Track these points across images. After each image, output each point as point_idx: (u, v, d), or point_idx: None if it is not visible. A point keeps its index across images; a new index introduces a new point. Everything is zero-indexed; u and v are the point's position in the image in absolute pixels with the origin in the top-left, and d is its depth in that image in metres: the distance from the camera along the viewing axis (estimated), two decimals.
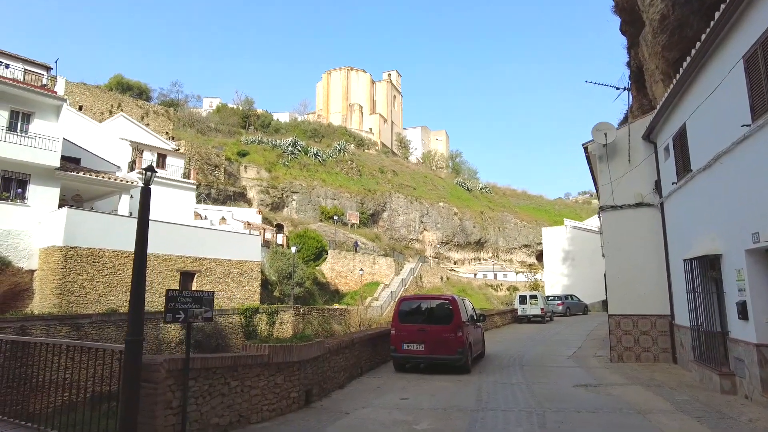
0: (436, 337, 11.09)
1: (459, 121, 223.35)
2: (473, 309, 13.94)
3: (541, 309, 28.37)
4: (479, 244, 79.35)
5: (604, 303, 42.95)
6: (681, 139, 10.57)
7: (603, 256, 15.79)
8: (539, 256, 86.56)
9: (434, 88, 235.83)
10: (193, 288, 25.43)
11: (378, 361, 12.48)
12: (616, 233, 13.29)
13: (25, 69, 23.15)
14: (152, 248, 23.50)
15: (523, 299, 29.28)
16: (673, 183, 11.30)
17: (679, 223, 11.30)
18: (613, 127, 13.47)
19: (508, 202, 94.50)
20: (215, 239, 26.93)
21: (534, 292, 30.55)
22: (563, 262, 46.81)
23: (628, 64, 17.78)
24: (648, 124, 12.72)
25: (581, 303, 36.44)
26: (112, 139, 32.09)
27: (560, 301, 34.66)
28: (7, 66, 21.41)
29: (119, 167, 28.62)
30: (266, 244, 37.94)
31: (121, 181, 23.47)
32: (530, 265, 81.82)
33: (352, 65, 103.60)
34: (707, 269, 9.37)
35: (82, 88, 46.17)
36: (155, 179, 24.18)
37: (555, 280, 46.75)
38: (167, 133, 52.23)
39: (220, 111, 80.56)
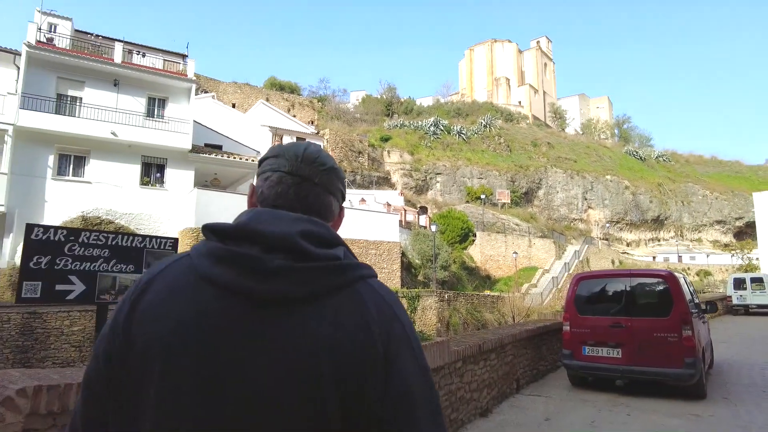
0: (643, 336, 6.70)
1: (624, 86, 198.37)
2: (694, 292, 9.00)
3: None
4: (658, 222, 67.32)
5: None
6: None
7: None
8: (738, 234, 70.50)
9: (592, 52, 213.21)
10: None
11: (543, 369, 8.44)
12: None
13: (164, 59, 23.64)
14: None
15: (739, 283, 21.93)
16: None
17: None
18: None
19: (692, 170, 78.98)
20: (350, 219, 25.09)
21: (758, 274, 22.78)
22: None
23: None
24: None
25: None
26: (254, 127, 32.55)
27: None
28: (144, 55, 21.87)
29: (258, 152, 28.49)
30: (408, 225, 35.47)
31: (250, 160, 22.66)
32: (726, 244, 66.99)
33: (496, 37, 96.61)
34: None
35: (234, 86, 49.06)
36: None
37: None
38: (312, 122, 53.17)
39: (364, 102, 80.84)
